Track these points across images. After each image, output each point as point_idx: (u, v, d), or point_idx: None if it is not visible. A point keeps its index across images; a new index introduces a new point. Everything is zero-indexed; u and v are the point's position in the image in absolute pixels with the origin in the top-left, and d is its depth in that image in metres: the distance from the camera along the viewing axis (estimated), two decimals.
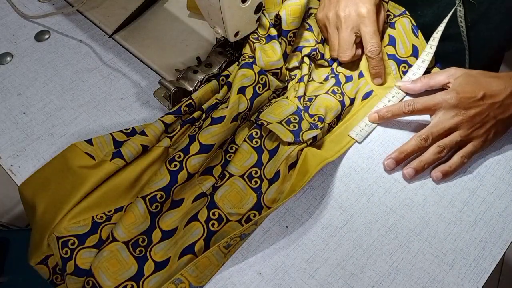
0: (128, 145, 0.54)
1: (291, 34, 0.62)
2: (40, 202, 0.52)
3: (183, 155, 0.54)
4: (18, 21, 0.74)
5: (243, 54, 0.61)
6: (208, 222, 0.51)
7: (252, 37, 0.61)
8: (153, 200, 0.52)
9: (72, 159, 0.54)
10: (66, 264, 0.49)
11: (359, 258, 0.51)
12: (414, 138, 0.57)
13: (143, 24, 0.72)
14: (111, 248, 0.49)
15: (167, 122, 0.57)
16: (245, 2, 0.56)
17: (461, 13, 0.66)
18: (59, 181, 0.53)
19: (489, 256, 0.51)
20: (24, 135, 0.61)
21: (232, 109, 0.56)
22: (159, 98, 0.62)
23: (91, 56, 0.69)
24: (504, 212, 0.54)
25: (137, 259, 0.50)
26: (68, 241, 0.50)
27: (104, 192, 0.52)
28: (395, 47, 0.65)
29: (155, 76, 0.67)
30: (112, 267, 0.48)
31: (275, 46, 0.61)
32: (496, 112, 0.55)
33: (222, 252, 0.50)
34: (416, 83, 0.61)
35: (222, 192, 0.53)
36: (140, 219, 0.51)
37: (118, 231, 0.50)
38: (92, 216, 0.52)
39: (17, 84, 0.66)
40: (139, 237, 0.51)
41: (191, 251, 0.49)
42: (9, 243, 0.91)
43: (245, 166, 0.55)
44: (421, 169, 0.56)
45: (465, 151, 0.56)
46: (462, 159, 0.56)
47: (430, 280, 0.49)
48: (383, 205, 0.54)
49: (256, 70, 0.59)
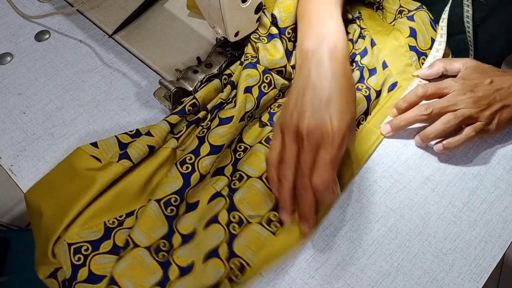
0: (134, 146, 0.53)
1: (289, 30, 0.61)
2: (46, 208, 0.51)
3: (194, 156, 0.53)
4: (18, 21, 0.74)
5: (246, 54, 0.61)
6: (229, 225, 0.51)
7: (253, 37, 0.61)
8: (168, 203, 0.51)
9: (78, 163, 0.53)
10: (78, 271, 0.48)
11: (359, 258, 0.51)
12: (416, 106, 0.58)
13: (143, 24, 0.72)
14: (133, 254, 0.48)
15: (172, 122, 0.56)
16: (245, 2, 0.56)
17: (468, 13, 0.66)
18: (66, 185, 0.52)
19: (489, 256, 0.51)
20: (24, 135, 0.61)
21: (240, 109, 0.56)
22: (159, 98, 0.62)
23: (91, 56, 0.69)
24: (504, 212, 0.54)
25: (161, 264, 0.48)
26: (81, 247, 0.49)
27: (114, 195, 0.52)
28: (416, 39, 0.65)
29: (155, 76, 0.67)
30: (137, 274, 0.47)
31: (277, 45, 0.61)
32: (502, 97, 0.56)
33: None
34: (433, 67, 0.62)
35: (240, 194, 0.53)
36: (158, 223, 0.50)
37: (138, 237, 0.49)
38: (104, 222, 0.51)
39: (17, 84, 0.66)
40: (160, 242, 0.50)
41: (215, 254, 0.49)
42: (9, 243, 0.91)
43: (262, 167, 0.54)
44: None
45: (474, 126, 0.55)
46: (469, 132, 0.55)
47: (430, 280, 0.49)
48: (383, 205, 0.54)
49: (260, 70, 0.59)
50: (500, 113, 0.56)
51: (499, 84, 0.56)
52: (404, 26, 0.65)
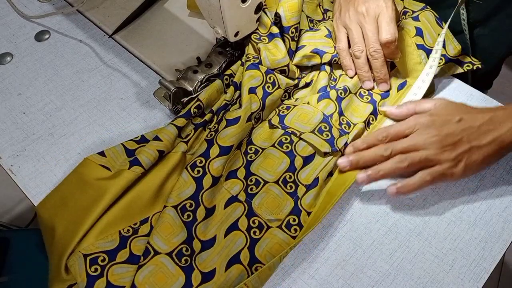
0: (144, 152, 0.53)
1: (292, 29, 0.62)
2: (59, 222, 0.50)
3: (204, 159, 0.54)
4: (18, 21, 0.74)
5: (247, 55, 0.61)
6: (250, 230, 0.51)
7: (254, 37, 0.61)
8: (184, 209, 0.51)
9: (87, 173, 0.52)
10: (94, 283, 0.47)
11: (359, 258, 0.51)
12: (375, 147, 0.54)
13: (143, 24, 0.72)
14: (155, 262, 0.48)
15: (179, 125, 0.56)
16: (245, 2, 0.56)
17: (464, 16, 0.66)
18: (77, 197, 0.51)
19: (489, 256, 0.51)
20: (24, 135, 0.61)
21: (246, 109, 0.56)
22: (159, 98, 0.62)
23: (91, 56, 0.69)
24: (504, 212, 0.54)
25: (183, 269, 0.48)
26: (98, 258, 0.48)
27: (128, 203, 0.51)
28: (423, 37, 0.65)
29: (155, 76, 0.67)
30: (159, 282, 0.47)
31: (278, 44, 0.61)
32: (471, 137, 0.51)
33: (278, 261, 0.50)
34: (402, 108, 0.57)
35: (259, 200, 0.53)
36: (177, 229, 0.50)
37: (158, 243, 0.49)
38: (119, 231, 0.50)
39: (17, 84, 0.66)
40: (182, 246, 0.49)
41: (237, 260, 0.49)
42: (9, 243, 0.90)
43: (278, 172, 0.55)
44: (376, 176, 0.52)
45: (430, 170, 0.51)
46: (423, 175, 0.51)
47: (430, 280, 0.49)
48: (383, 205, 0.54)
49: (263, 70, 0.59)
50: (468, 155, 0.51)
51: (469, 123, 0.51)
52: (410, 27, 0.65)
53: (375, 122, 0.60)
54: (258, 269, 0.48)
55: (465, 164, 0.51)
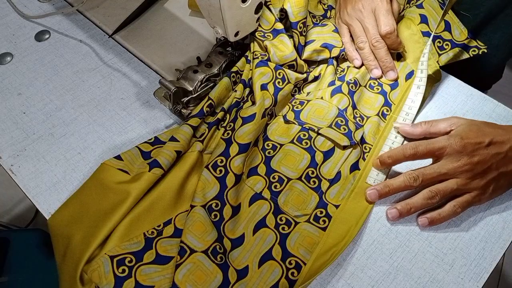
0: (162, 153, 0.53)
1: (300, 24, 0.62)
2: (78, 229, 0.49)
3: (225, 159, 0.54)
4: (18, 21, 0.74)
5: (254, 52, 0.62)
6: (278, 227, 0.51)
7: (258, 35, 0.62)
8: (211, 209, 0.52)
9: (107, 178, 0.52)
10: (123, 284, 0.47)
11: (359, 258, 0.51)
12: (404, 174, 0.53)
13: (143, 24, 0.72)
14: (192, 260, 0.48)
15: (194, 125, 0.56)
16: (245, 2, 0.56)
17: None
18: (98, 203, 0.51)
19: (489, 256, 0.51)
20: (24, 135, 0.61)
21: (260, 106, 0.57)
22: (159, 98, 0.62)
23: (91, 56, 0.69)
24: (504, 212, 0.54)
25: (220, 266, 0.48)
26: (125, 259, 0.48)
27: (149, 205, 0.51)
28: (428, 24, 0.65)
29: (155, 76, 0.67)
30: (199, 279, 0.47)
31: (284, 40, 0.61)
32: (499, 164, 0.51)
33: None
34: (416, 127, 0.56)
35: (284, 197, 0.53)
36: (209, 227, 0.50)
37: (193, 242, 0.49)
38: (144, 233, 0.50)
39: (17, 84, 0.66)
40: (216, 244, 0.50)
41: (270, 257, 0.49)
42: (9, 243, 0.90)
43: (300, 168, 0.55)
44: (406, 212, 0.52)
45: (459, 201, 0.51)
46: (455, 208, 0.51)
47: (430, 280, 0.49)
48: (383, 205, 0.54)
49: (272, 67, 0.60)
50: (496, 181, 0.52)
51: (497, 148, 0.51)
52: (414, 14, 0.65)
53: (390, 113, 0.61)
54: (292, 263, 0.49)
55: (492, 190, 0.52)
